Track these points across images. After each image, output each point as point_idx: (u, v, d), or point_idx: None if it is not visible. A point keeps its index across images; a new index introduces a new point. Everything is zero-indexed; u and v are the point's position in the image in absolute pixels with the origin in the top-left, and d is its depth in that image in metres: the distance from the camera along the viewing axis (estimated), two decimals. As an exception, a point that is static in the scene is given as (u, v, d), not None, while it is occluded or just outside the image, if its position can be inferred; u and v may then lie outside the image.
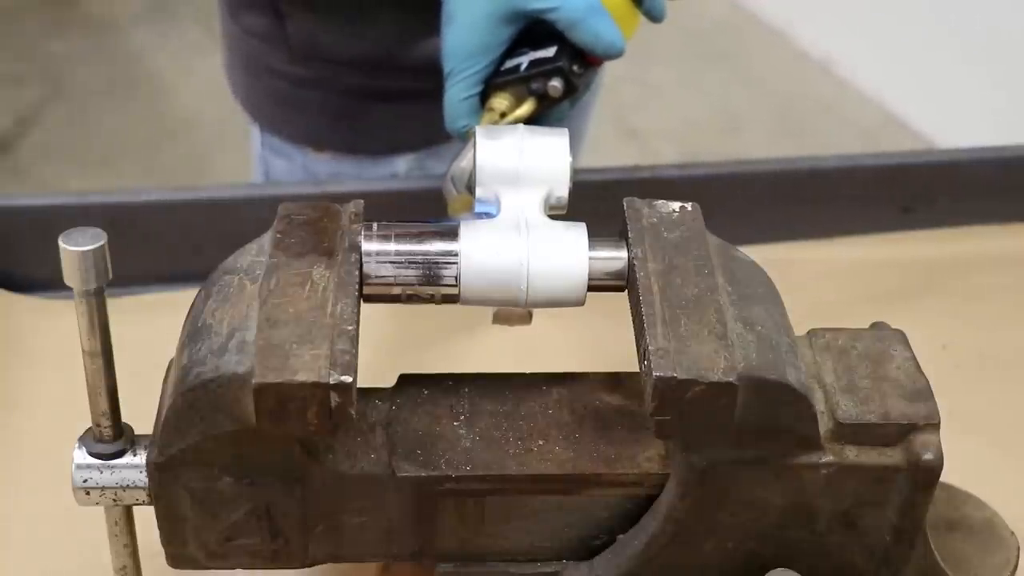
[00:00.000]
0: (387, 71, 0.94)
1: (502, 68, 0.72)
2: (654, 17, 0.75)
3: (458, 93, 0.72)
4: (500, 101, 0.71)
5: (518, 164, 0.56)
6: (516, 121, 0.70)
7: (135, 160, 2.19)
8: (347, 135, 0.97)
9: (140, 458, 0.54)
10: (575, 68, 0.71)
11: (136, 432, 0.56)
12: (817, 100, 2.40)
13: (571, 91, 0.71)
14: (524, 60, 0.72)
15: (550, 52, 0.71)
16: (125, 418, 0.55)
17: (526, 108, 0.71)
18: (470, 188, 0.58)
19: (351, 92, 0.95)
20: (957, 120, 2.17)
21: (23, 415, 0.73)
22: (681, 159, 0.89)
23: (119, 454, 0.55)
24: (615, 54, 0.71)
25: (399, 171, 0.97)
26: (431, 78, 0.94)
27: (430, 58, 0.92)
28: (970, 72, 2.25)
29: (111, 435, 0.54)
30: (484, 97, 0.72)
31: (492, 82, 0.72)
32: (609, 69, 1.01)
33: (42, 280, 0.81)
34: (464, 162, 0.67)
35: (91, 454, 0.54)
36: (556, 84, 0.70)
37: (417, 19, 0.90)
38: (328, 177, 0.96)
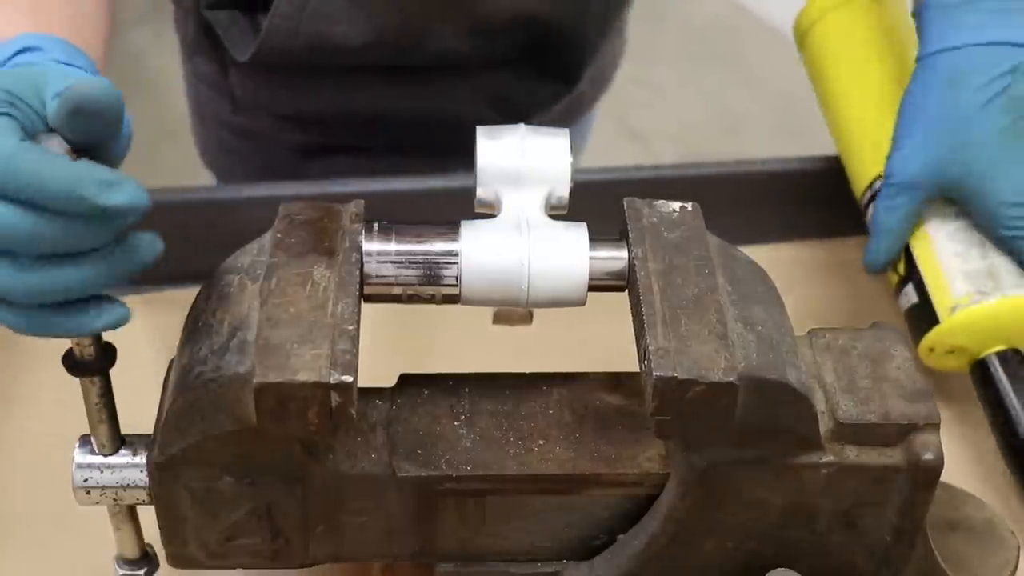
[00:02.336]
0: (329, 127, 0.92)
1: None
2: None
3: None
4: None
5: (519, 164, 0.55)
6: None
7: (135, 160, 2.19)
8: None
9: (140, 457, 0.54)
10: None
11: (136, 432, 0.56)
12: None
13: None
14: None
15: None
16: (124, 418, 0.55)
17: None
18: None
19: (293, 146, 0.94)
20: None
21: (22, 414, 0.73)
22: (681, 159, 0.88)
23: (119, 455, 0.55)
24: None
25: None
26: (374, 135, 0.93)
27: (374, 114, 0.91)
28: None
29: (110, 451, 0.54)
30: None
31: None
32: (609, 69, 1.01)
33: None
34: None
35: (91, 453, 0.55)
36: None
37: (360, 78, 0.89)
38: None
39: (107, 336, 0.51)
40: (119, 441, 0.55)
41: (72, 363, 0.51)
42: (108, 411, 0.53)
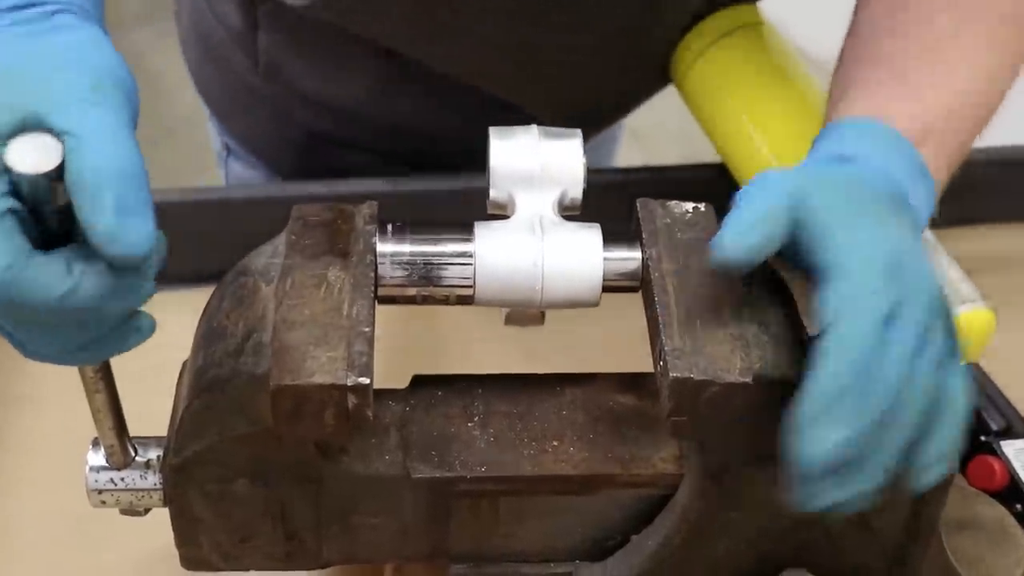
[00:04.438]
0: (350, 122, 0.89)
1: None
2: None
3: None
4: None
5: (533, 165, 0.55)
6: None
7: (134, 160, 2.18)
8: (300, 170, 0.92)
9: (154, 460, 0.54)
10: None
11: (148, 433, 0.56)
12: (816, 99, 2.39)
13: None
14: None
15: None
16: (134, 419, 0.55)
17: None
18: None
19: (309, 128, 0.90)
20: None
21: (28, 413, 0.73)
22: (683, 160, 0.89)
23: (132, 458, 0.55)
24: None
25: None
26: (398, 141, 0.90)
27: (400, 122, 0.88)
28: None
29: (121, 463, 0.54)
30: None
31: None
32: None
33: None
34: None
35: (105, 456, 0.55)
36: None
37: (393, 85, 0.86)
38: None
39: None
40: (130, 447, 0.54)
41: None
42: (114, 413, 0.53)
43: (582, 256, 0.54)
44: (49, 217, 0.43)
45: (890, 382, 0.48)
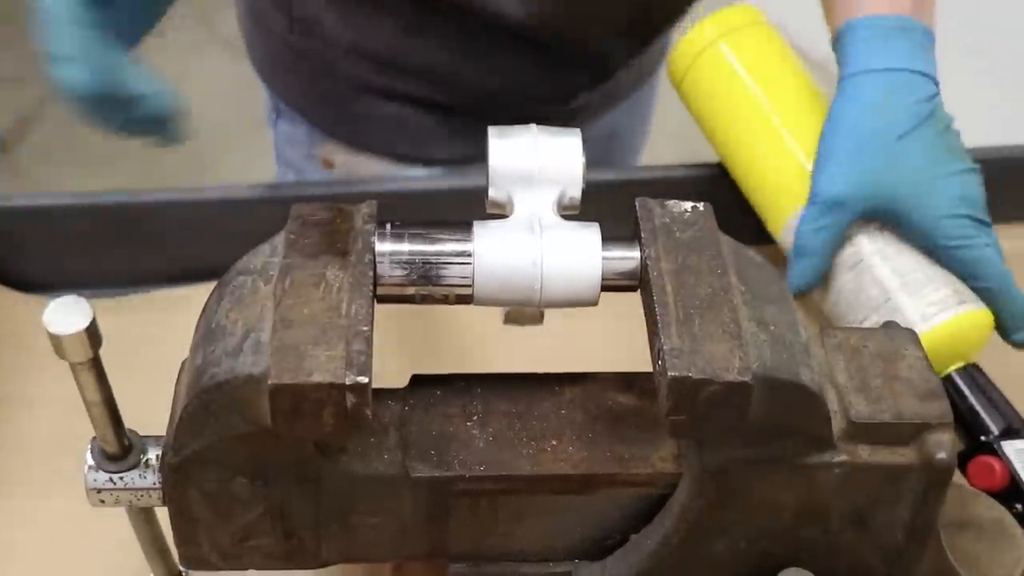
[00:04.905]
0: (386, 69, 0.91)
1: None
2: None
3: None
4: None
5: (532, 164, 0.55)
6: None
7: (135, 160, 2.18)
8: (342, 123, 0.96)
9: (153, 459, 0.54)
10: None
11: (148, 432, 0.56)
12: (816, 100, 2.39)
13: None
14: None
15: None
16: (134, 419, 0.55)
17: None
18: None
19: (350, 80, 0.93)
20: (955, 120, 2.17)
21: (29, 413, 0.73)
22: (682, 160, 0.89)
23: (131, 457, 0.55)
24: None
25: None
26: (433, 87, 0.92)
27: (434, 66, 0.90)
28: (969, 72, 2.25)
29: (118, 453, 0.54)
30: None
31: None
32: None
33: (42, 280, 0.81)
34: None
35: (104, 456, 0.54)
36: None
37: (426, 26, 0.88)
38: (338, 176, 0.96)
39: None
40: (125, 443, 0.54)
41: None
42: (105, 400, 0.53)
43: (581, 255, 0.54)
44: None
45: None
